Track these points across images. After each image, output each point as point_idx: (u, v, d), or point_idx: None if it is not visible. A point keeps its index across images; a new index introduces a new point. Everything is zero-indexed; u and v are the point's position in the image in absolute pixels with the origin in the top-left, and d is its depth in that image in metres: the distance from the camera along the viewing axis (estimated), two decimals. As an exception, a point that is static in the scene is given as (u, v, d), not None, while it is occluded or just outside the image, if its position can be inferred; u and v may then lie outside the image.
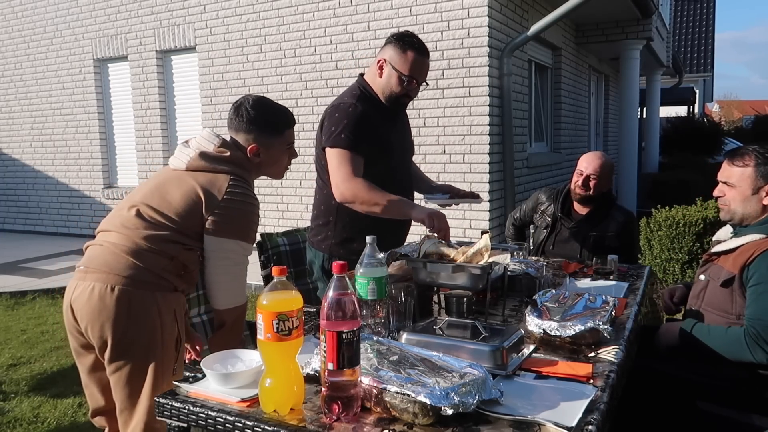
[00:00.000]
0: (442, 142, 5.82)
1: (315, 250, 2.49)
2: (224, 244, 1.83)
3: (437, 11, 5.72)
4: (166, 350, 1.78)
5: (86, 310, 1.74)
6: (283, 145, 2.03)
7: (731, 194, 2.10)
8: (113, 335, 1.73)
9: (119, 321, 1.72)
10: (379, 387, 1.25)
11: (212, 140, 1.93)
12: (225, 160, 1.90)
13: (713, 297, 2.13)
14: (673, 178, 9.74)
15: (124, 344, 1.74)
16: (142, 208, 1.82)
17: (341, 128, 2.25)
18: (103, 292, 1.72)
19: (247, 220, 1.87)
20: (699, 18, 19.39)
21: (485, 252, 1.85)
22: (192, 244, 1.83)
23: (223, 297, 1.89)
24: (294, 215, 6.71)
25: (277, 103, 2.06)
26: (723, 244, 2.17)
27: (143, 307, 1.74)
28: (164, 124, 7.59)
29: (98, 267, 1.76)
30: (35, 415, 3.12)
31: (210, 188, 1.83)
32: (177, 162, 1.92)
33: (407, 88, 2.34)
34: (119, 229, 1.81)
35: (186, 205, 1.82)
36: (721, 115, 31.53)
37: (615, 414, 1.39)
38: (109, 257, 1.77)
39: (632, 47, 8.21)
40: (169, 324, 1.79)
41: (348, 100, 2.34)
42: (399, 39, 2.32)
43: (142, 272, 1.75)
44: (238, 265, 1.89)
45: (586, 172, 3.01)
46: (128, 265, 1.75)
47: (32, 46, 8.46)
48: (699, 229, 4.70)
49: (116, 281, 1.73)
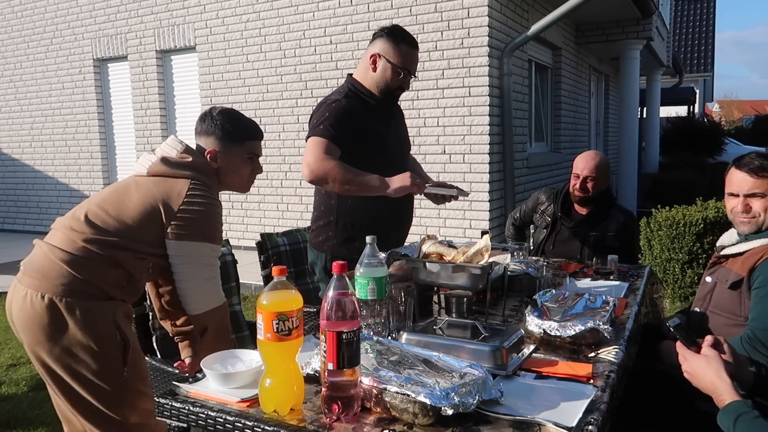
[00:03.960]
0: (442, 142, 5.82)
1: (317, 251, 2.49)
2: (189, 248, 1.80)
3: (437, 11, 5.72)
4: (108, 360, 1.71)
5: (20, 318, 1.70)
6: (242, 155, 2.00)
7: (763, 205, 2.03)
8: (46, 346, 1.67)
9: (50, 331, 1.66)
10: (379, 387, 1.24)
11: (175, 146, 1.91)
12: (186, 165, 1.87)
13: (721, 299, 2.13)
14: (673, 178, 9.73)
15: (59, 356, 1.68)
16: (95, 210, 1.78)
17: (322, 120, 2.29)
18: (34, 299, 1.67)
19: (210, 221, 1.84)
20: (699, 18, 19.39)
21: (485, 252, 1.86)
22: (144, 253, 1.78)
23: (198, 301, 1.84)
24: (294, 215, 6.71)
25: (247, 117, 2.06)
26: (733, 247, 2.16)
27: (75, 317, 1.67)
28: (164, 124, 7.59)
29: (32, 272, 1.72)
30: (35, 415, 3.12)
31: (170, 193, 1.79)
32: (139, 167, 1.90)
33: (402, 80, 2.38)
34: (65, 230, 1.77)
35: (143, 212, 1.77)
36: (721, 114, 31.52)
37: (615, 414, 1.39)
38: (45, 263, 1.72)
39: (632, 47, 8.21)
40: (110, 332, 1.71)
41: (334, 96, 2.38)
42: (391, 33, 2.36)
43: (77, 282, 1.69)
44: (207, 266, 1.85)
45: (582, 174, 3.01)
46: (62, 274, 1.69)
47: (32, 46, 8.46)
48: (699, 229, 4.69)
49: (47, 289, 1.67)
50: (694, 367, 1.40)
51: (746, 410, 1.27)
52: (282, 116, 6.65)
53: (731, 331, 2.09)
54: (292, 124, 6.62)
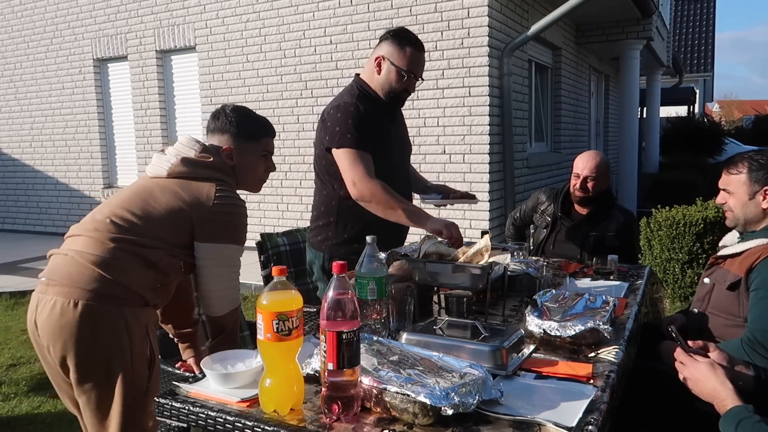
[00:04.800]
0: (442, 142, 5.82)
1: (315, 250, 2.49)
2: (219, 250, 1.79)
3: (437, 11, 5.72)
4: (135, 370, 1.67)
5: (48, 328, 1.62)
6: (258, 152, 2.00)
7: (732, 201, 2.17)
8: (76, 354, 1.61)
9: (82, 339, 1.60)
10: (379, 387, 1.24)
11: (192, 146, 1.88)
12: (208, 166, 1.85)
13: (719, 300, 2.13)
14: (673, 178, 9.73)
15: (89, 364, 1.63)
16: (119, 213, 1.73)
17: (346, 128, 2.26)
18: (65, 307, 1.59)
19: (239, 223, 1.84)
20: (699, 18, 19.39)
21: (485, 252, 1.86)
22: (176, 251, 1.76)
23: (221, 303, 1.84)
24: (294, 215, 6.71)
25: (259, 115, 2.06)
26: (730, 248, 2.18)
27: (109, 324, 1.62)
28: (164, 124, 7.59)
29: (60, 280, 1.64)
30: (35, 415, 3.12)
31: (198, 196, 1.77)
32: (156, 169, 1.86)
33: (407, 83, 2.36)
34: (90, 233, 1.70)
35: (171, 215, 1.75)
36: (721, 114, 31.52)
37: (615, 414, 1.39)
38: (73, 268, 1.65)
39: (632, 47, 8.21)
40: (139, 342, 1.67)
41: (348, 99, 2.34)
42: (396, 35, 2.34)
43: (109, 285, 1.63)
44: (233, 268, 1.85)
45: (582, 174, 3.01)
46: (93, 278, 1.62)
47: (32, 46, 8.46)
48: (699, 229, 4.69)
49: (79, 295, 1.60)
50: (696, 374, 1.40)
51: (747, 415, 1.27)
52: (282, 116, 6.65)
53: (730, 332, 2.09)
54: (292, 124, 6.62)
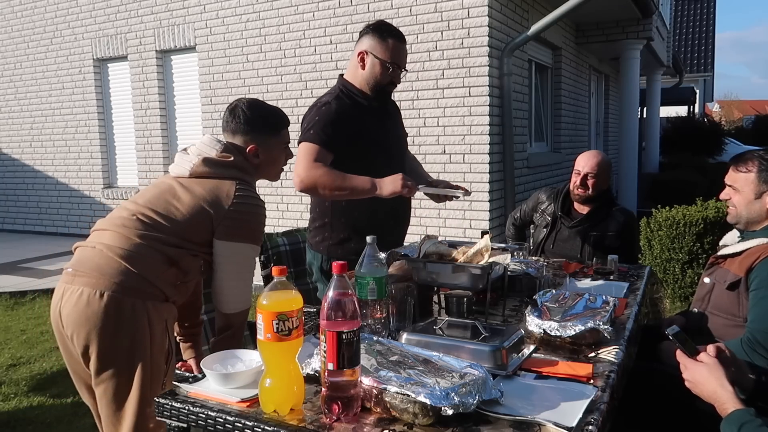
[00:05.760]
0: (442, 142, 5.82)
1: (313, 251, 2.51)
2: (237, 248, 1.82)
3: (437, 11, 5.72)
4: (155, 363, 1.71)
5: (73, 317, 1.67)
6: (280, 145, 2.04)
7: (736, 198, 2.16)
8: (99, 344, 1.66)
9: (106, 329, 1.65)
10: (379, 387, 1.24)
11: (214, 146, 1.91)
12: (229, 165, 1.89)
13: (719, 300, 2.13)
14: (674, 178, 9.73)
15: (111, 355, 1.67)
16: (145, 211, 1.78)
17: (312, 125, 2.30)
18: (91, 297, 1.65)
19: (257, 223, 1.87)
20: (699, 18, 19.39)
21: (485, 252, 1.86)
22: (197, 251, 1.80)
23: (235, 301, 1.87)
24: (294, 215, 6.71)
25: (271, 105, 2.07)
26: (730, 247, 2.18)
27: (133, 316, 1.67)
28: (164, 124, 7.59)
29: (88, 271, 1.69)
30: (35, 415, 3.12)
31: (218, 194, 1.81)
32: (179, 169, 1.90)
33: (392, 75, 2.38)
34: (117, 228, 1.75)
35: (193, 213, 1.79)
36: (721, 114, 31.49)
37: (615, 414, 1.39)
38: (101, 260, 1.70)
39: (632, 47, 8.21)
40: (159, 335, 1.72)
41: (325, 98, 2.38)
42: (376, 29, 2.36)
43: (135, 278, 1.68)
44: (248, 267, 1.88)
45: (583, 171, 3.01)
46: (120, 270, 1.68)
47: (32, 46, 8.46)
48: (699, 229, 4.69)
49: (106, 286, 1.66)
50: (696, 376, 1.40)
51: (750, 419, 1.27)
52: (282, 116, 6.65)
53: (730, 332, 2.09)
54: (292, 124, 6.61)
